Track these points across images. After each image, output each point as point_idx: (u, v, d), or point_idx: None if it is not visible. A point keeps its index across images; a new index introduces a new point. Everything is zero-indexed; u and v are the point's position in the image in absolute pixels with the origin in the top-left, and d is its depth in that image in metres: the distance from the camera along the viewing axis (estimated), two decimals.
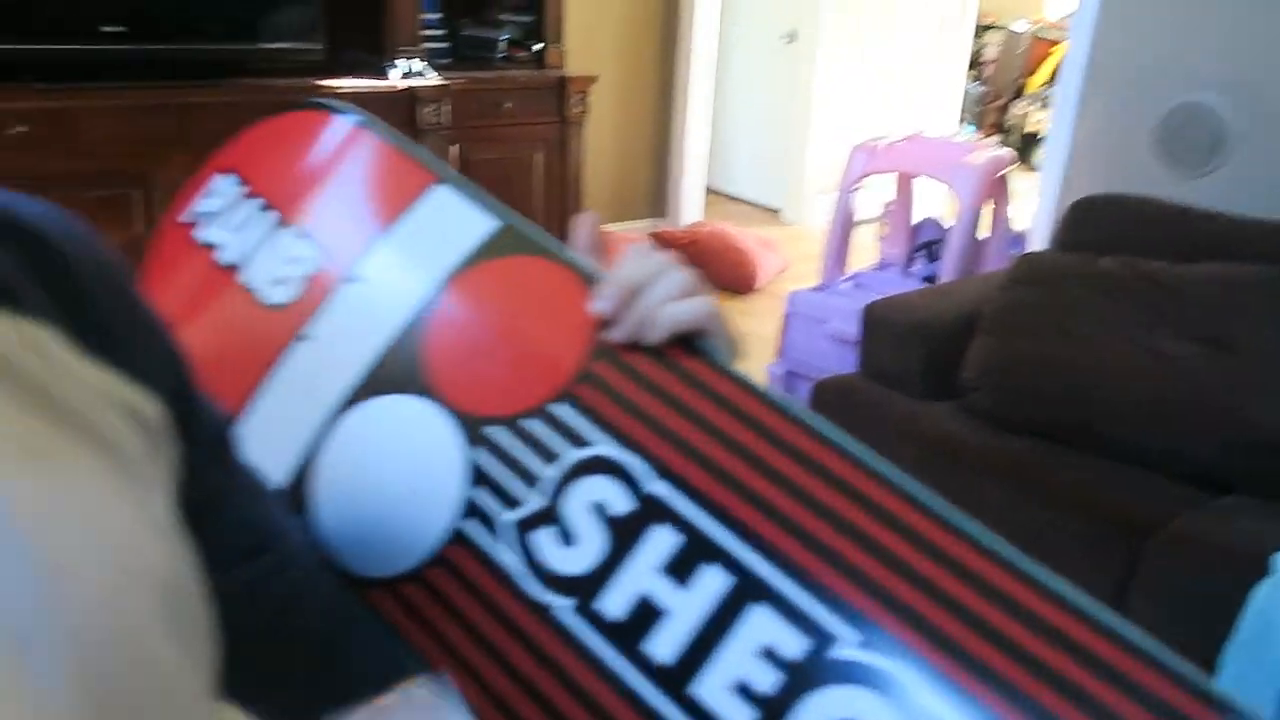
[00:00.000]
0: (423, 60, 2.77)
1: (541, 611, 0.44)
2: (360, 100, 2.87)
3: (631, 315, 0.46)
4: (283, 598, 0.48)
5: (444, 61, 2.92)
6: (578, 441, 0.46)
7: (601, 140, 3.78)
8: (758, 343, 3.15)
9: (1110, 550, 1.54)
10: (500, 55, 3.08)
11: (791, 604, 0.39)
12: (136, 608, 0.33)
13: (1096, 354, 1.76)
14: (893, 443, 1.84)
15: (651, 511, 0.43)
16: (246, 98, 2.45)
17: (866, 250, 3.18)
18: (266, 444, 0.52)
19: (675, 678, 0.40)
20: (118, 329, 0.37)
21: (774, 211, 4.88)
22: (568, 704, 0.42)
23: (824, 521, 0.40)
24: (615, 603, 0.42)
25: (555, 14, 3.15)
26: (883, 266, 2.89)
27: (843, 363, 2.32)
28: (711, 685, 0.39)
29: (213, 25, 2.48)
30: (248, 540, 0.46)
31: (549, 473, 0.46)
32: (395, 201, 0.56)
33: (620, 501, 0.44)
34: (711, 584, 0.41)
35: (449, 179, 0.56)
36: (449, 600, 0.46)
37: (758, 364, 2.77)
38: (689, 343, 0.46)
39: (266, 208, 0.60)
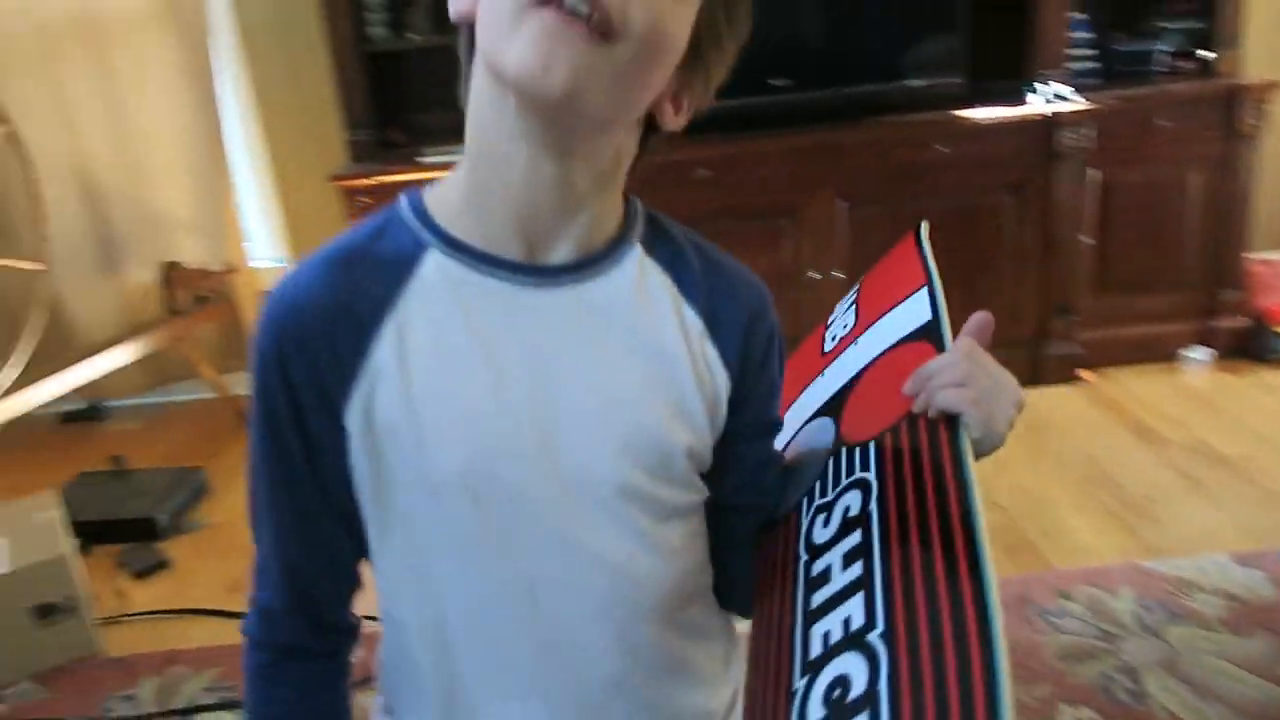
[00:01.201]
0: (1066, 82, 2.65)
1: (797, 559, 0.66)
2: (993, 130, 2.86)
3: (923, 392, 0.64)
4: (728, 533, 0.76)
5: (1091, 81, 2.76)
6: (865, 465, 0.66)
7: None
8: None
9: None
10: (1157, 69, 2.80)
11: (873, 649, 0.52)
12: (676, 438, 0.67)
13: None
14: None
15: (852, 527, 0.62)
16: (886, 135, 2.62)
17: None
18: (791, 430, 0.83)
19: (808, 619, 0.59)
20: (738, 344, 0.69)
21: None
22: (784, 616, 0.63)
23: (928, 620, 0.50)
24: (818, 567, 0.63)
25: (1232, 14, 2.75)
26: None
27: None
28: (814, 634, 0.58)
29: (862, 69, 2.70)
30: (734, 480, 0.74)
31: (844, 479, 0.67)
32: (897, 294, 0.81)
33: (854, 509, 0.63)
34: (849, 609, 0.56)
35: (931, 282, 0.78)
36: (781, 539, 0.71)
37: None
38: (951, 420, 0.62)
39: (854, 292, 0.92)
